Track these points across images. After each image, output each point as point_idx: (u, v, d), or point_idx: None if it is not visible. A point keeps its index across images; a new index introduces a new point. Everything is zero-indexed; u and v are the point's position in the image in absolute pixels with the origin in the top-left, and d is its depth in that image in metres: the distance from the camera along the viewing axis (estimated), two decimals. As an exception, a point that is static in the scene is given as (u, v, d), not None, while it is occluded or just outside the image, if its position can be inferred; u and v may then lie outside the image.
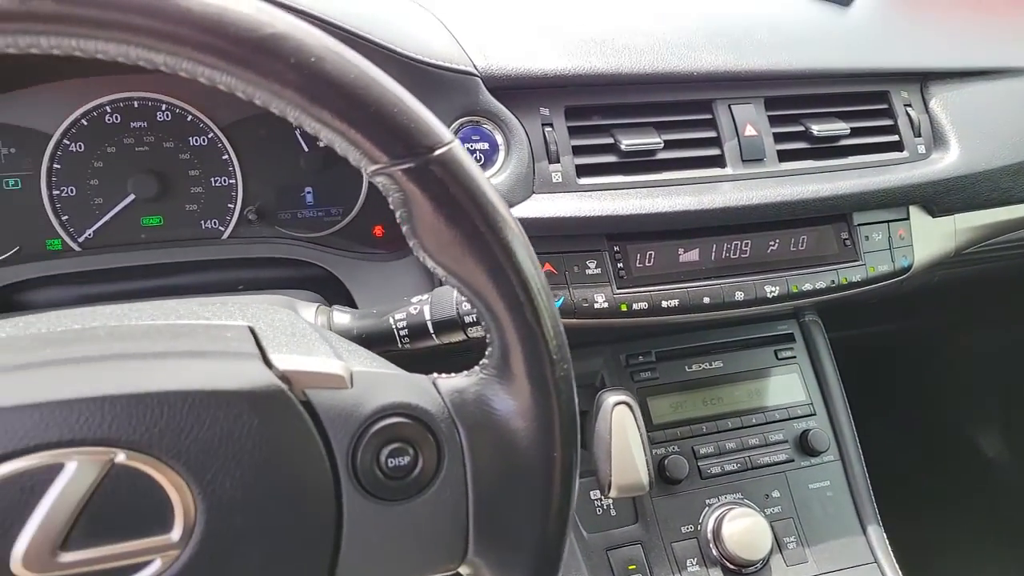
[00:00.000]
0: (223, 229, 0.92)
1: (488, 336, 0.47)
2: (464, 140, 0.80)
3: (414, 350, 0.63)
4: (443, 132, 0.43)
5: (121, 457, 0.39)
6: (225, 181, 0.91)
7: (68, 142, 0.86)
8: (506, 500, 0.47)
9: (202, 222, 0.91)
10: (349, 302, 0.87)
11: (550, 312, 0.46)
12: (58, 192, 0.86)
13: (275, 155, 0.92)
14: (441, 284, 0.85)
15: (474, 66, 0.79)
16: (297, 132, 0.93)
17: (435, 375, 0.48)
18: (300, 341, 0.49)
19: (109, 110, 0.87)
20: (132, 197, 0.88)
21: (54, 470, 0.38)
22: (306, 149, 0.93)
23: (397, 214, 0.44)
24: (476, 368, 0.48)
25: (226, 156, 0.91)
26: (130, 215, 0.89)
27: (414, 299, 0.63)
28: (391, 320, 0.62)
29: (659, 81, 0.88)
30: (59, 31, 0.36)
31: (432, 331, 0.61)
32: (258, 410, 0.42)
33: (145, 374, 0.42)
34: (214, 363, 0.43)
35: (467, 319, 0.60)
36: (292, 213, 0.94)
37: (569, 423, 0.47)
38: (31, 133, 0.85)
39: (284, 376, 0.43)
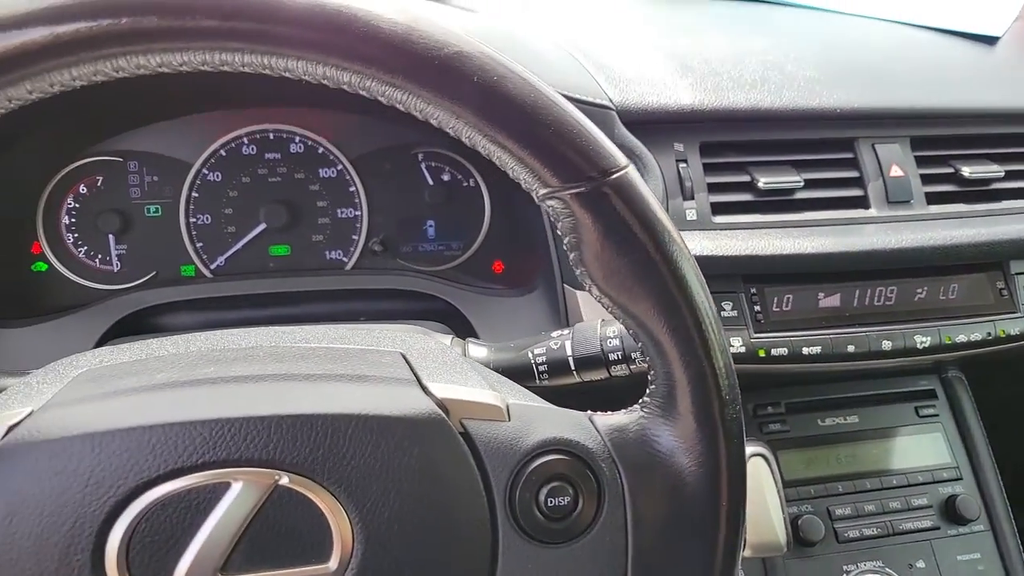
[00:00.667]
0: (347, 260, 0.94)
1: (652, 372, 0.45)
2: (597, 174, 0.79)
3: (551, 387, 0.61)
4: (618, 156, 0.41)
5: (284, 480, 0.39)
6: (351, 213, 0.93)
7: (207, 171, 0.89)
8: (667, 551, 0.44)
9: (327, 252, 0.93)
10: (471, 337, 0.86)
11: (722, 348, 0.43)
12: (194, 220, 0.90)
13: (400, 188, 0.94)
14: (564, 321, 0.83)
15: (609, 100, 0.79)
16: (423, 165, 0.94)
17: (589, 412, 0.47)
18: (452, 370, 0.48)
19: (246, 141, 0.90)
20: (263, 226, 0.90)
21: (220, 490, 0.38)
22: (430, 182, 0.94)
23: (565, 240, 0.43)
24: (636, 406, 0.46)
25: (353, 188, 0.93)
26: (260, 244, 0.91)
27: (554, 333, 0.62)
28: (529, 354, 0.61)
29: (798, 118, 0.85)
30: (255, 49, 0.37)
31: (573, 368, 0.59)
32: (418, 438, 0.41)
33: (308, 396, 0.41)
34: (373, 388, 0.43)
35: (612, 356, 0.58)
36: (414, 246, 0.95)
37: (738, 471, 0.44)
38: (173, 162, 0.88)
39: (442, 404, 0.42)
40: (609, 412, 0.47)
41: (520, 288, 0.89)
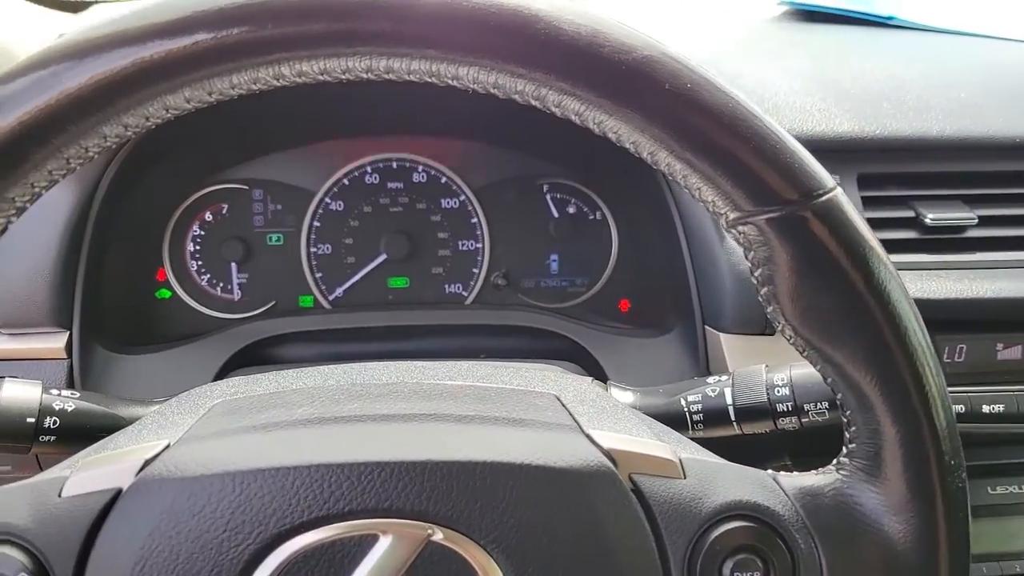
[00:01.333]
0: (466, 294, 0.91)
1: (853, 428, 0.39)
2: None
3: (706, 438, 0.55)
4: (824, 176, 0.36)
5: (438, 535, 0.35)
6: (472, 245, 0.91)
7: (329, 200, 0.89)
8: (873, 643, 0.37)
9: (446, 286, 0.91)
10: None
11: (944, 404, 0.37)
12: (315, 249, 0.89)
13: (523, 220, 0.91)
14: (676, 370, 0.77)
15: (760, 126, 0.73)
16: (547, 197, 0.91)
17: (771, 471, 0.41)
18: (612, 417, 0.43)
19: (370, 170, 0.89)
20: (384, 257, 0.89)
21: (367, 543, 0.34)
22: (555, 215, 0.91)
23: (756, 274, 0.38)
24: (831, 467, 0.40)
25: (475, 220, 0.90)
26: (379, 275, 0.90)
27: (710, 379, 0.56)
28: (682, 401, 0.55)
29: (969, 148, 0.78)
30: (424, 55, 0.34)
31: (734, 418, 0.54)
32: (584, 493, 0.36)
33: (462, 440, 0.37)
34: (532, 433, 0.39)
35: (780, 407, 0.52)
36: (536, 281, 0.91)
37: (961, 551, 0.38)
38: (297, 191, 0.88)
39: (609, 455, 0.38)
40: (795, 472, 0.41)
41: (652, 329, 0.83)
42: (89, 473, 0.37)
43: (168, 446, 0.38)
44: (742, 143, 0.35)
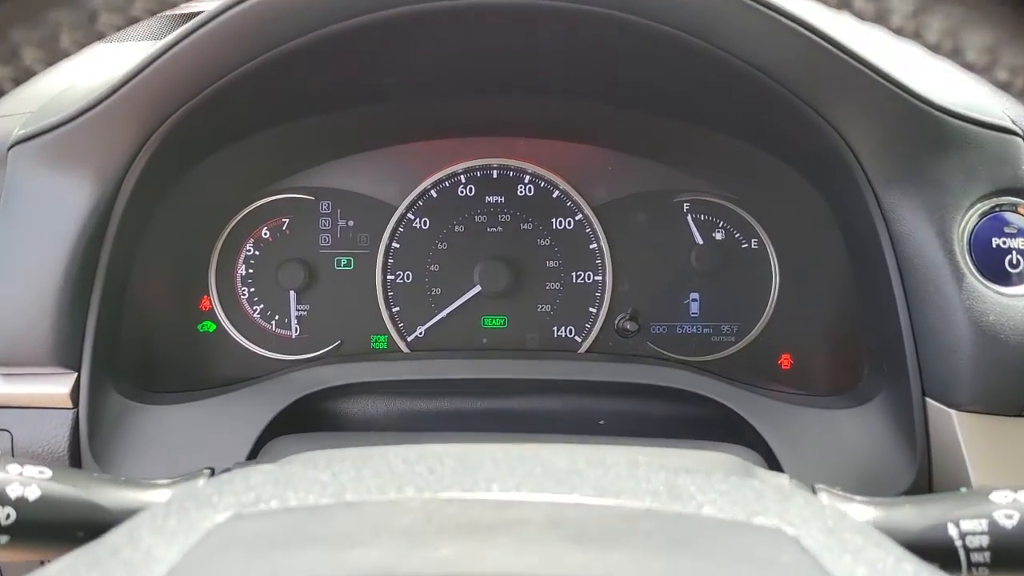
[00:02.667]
0: (580, 340, 0.74)
1: None
2: (989, 233, 0.54)
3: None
4: None
5: None
6: (589, 277, 0.74)
7: (412, 216, 0.74)
8: None
9: (555, 328, 0.74)
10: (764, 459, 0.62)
11: None
12: (392, 277, 0.74)
13: (656, 247, 0.74)
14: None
15: (1012, 122, 0.55)
16: (688, 218, 0.74)
17: None
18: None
19: (463, 180, 0.74)
20: (478, 289, 0.73)
21: None
22: (698, 241, 0.74)
23: None
24: None
25: (594, 245, 0.74)
26: (470, 312, 0.74)
27: (996, 496, 0.37)
28: (952, 529, 0.36)
29: None
30: None
31: (1050, 565, 0.34)
32: None
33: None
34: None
35: None
36: (669, 326, 0.74)
37: None
38: (374, 203, 0.74)
39: None
40: None
41: (838, 396, 0.64)
42: None
43: None
44: None
